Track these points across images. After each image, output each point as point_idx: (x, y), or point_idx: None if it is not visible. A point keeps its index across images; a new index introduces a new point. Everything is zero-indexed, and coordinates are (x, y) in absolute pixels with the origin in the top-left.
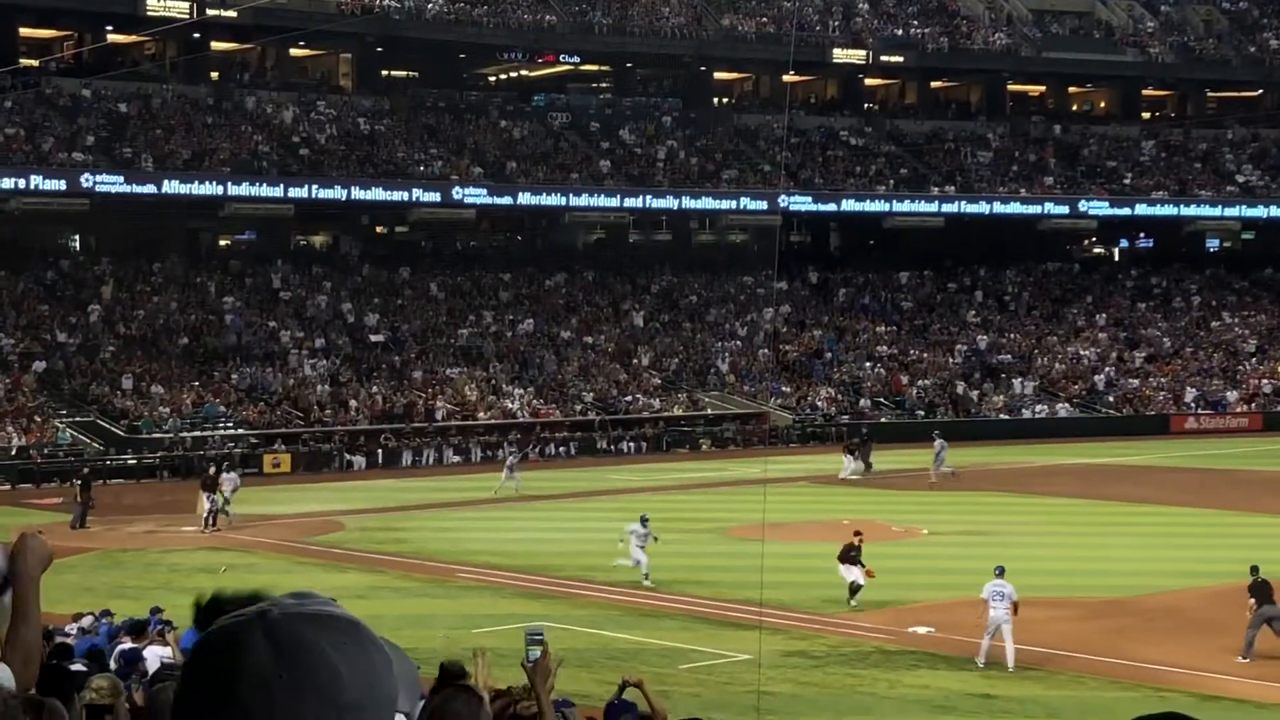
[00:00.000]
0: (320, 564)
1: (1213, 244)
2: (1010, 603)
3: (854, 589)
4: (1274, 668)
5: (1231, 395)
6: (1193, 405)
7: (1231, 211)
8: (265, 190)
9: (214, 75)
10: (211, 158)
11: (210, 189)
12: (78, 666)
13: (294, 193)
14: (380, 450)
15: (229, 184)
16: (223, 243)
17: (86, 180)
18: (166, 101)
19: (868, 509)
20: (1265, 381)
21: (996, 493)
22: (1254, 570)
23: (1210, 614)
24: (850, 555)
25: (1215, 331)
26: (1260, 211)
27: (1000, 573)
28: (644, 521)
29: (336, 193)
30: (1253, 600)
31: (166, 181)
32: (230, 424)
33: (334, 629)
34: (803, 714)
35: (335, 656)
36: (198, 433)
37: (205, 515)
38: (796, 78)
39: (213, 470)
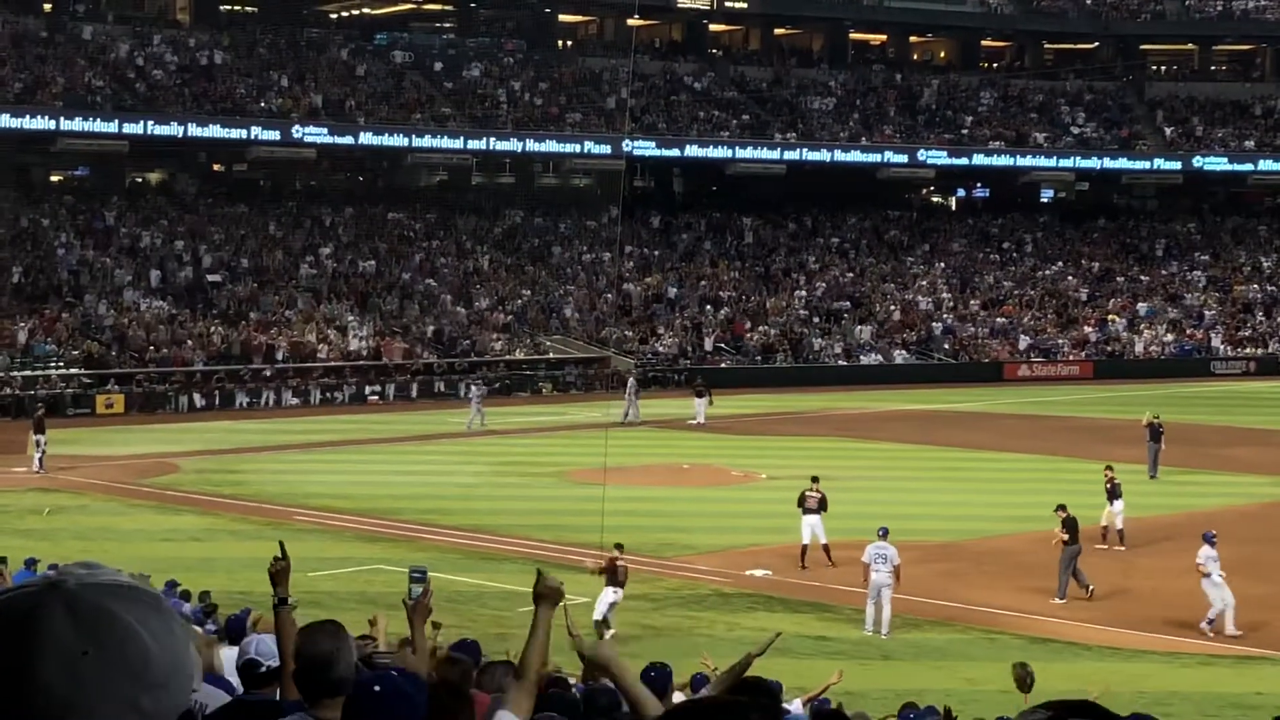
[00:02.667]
0: (154, 506)
1: (1047, 194)
2: (892, 566)
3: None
4: (1099, 610)
5: (1063, 343)
6: (1026, 353)
7: (1066, 163)
8: (99, 125)
9: (46, 6)
10: (44, 91)
11: (42, 123)
12: None
13: (129, 128)
14: (216, 391)
15: (61, 118)
16: (55, 178)
17: None
18: None
19: (707, 453)
20: (1094, 330)
21: (834, 437)
22: (1061, 508)
23: (1039, 558)
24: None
25: (1049, 280)
26: (1094, 163)
27: (883, 534)
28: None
29: (173, 129)
30: (1065, 535)
31: None
32: (62, 364)
33: (138, 602)
34: (642, 656)
35: (142, 631)
36: (28, 372)
37: (36, 455)
38: (641, 21)
39: (41, 410)
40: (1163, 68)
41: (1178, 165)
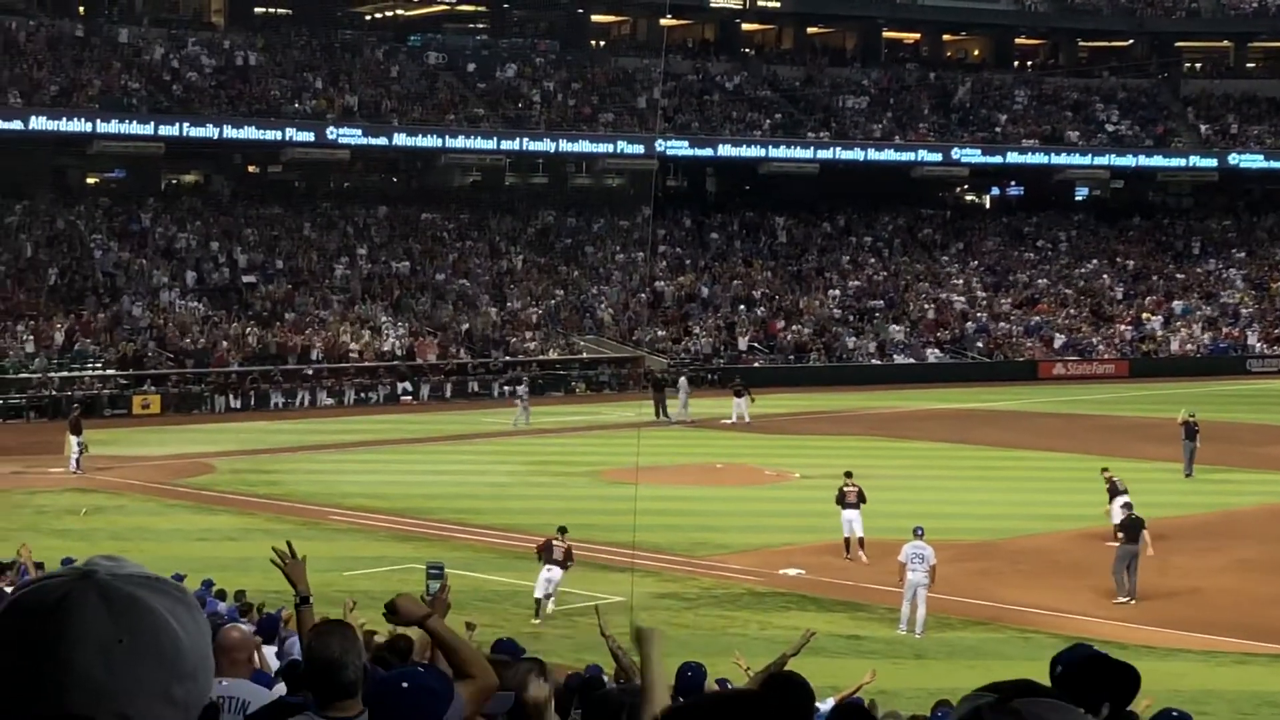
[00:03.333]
0: (190, 506)
1: (1082, 192)
2: (929, 566)
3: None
4: (1135, 610)
5: (1098, 342)
6: (1061, 352)
7: (1101, 160)
8: (135, 128)
9: (81, 9)
10: (80, 93)
11: (78, 126)
12: None
13: (164, 130)
14: (251, 392)
15: (97, 121)
16: (91, 180)
17: None
18: (33, 35)
19: (740, 453)
20: (1129, 328)
21: (867, 437)
22: (1127, 505)
23: (1074, 556)
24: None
25: (1083, 278)
26: (1129, 161)
27: (919, 534)
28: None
29: (208, 131)
30: (1121, 535)
31: (33, 117)
32: (99, 364)
33: (167, 593)
34: (675, 654)
35: (174, 623)
36: (65, 373)
37: (73, 456)
38: (673, 21)
39: (78, 411)
40: (1197, 65)
41: (1213, 163)
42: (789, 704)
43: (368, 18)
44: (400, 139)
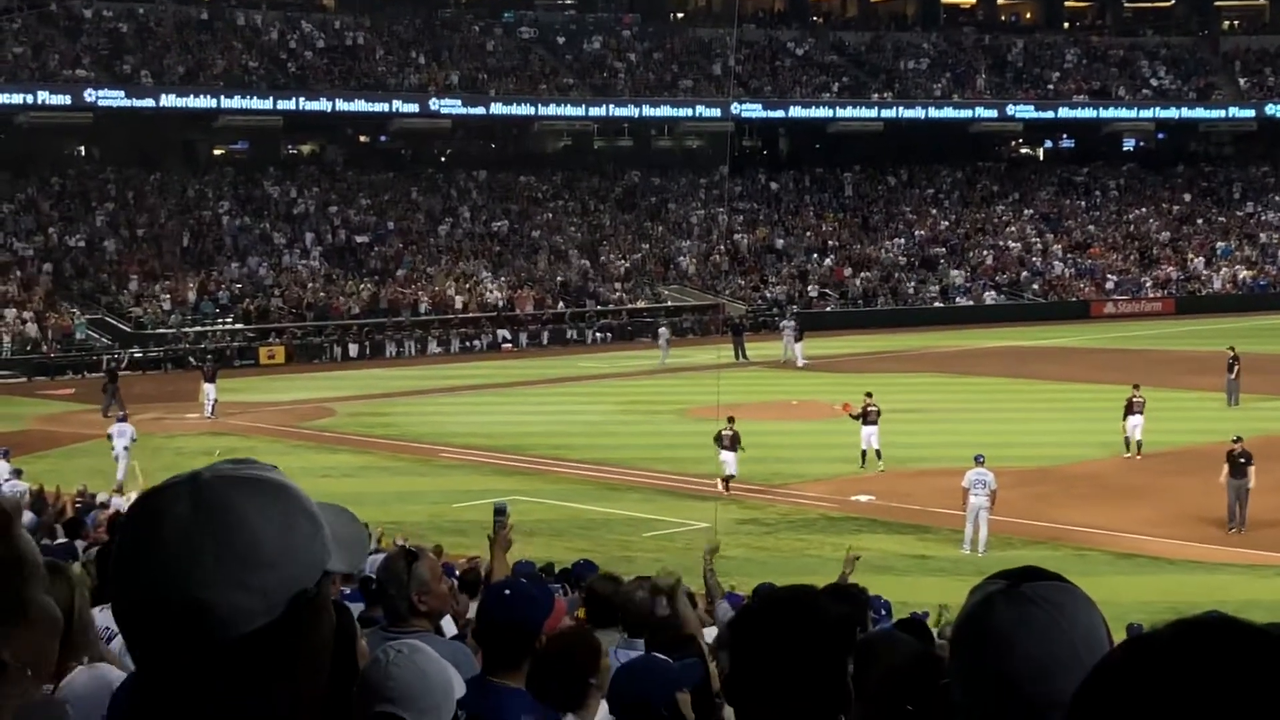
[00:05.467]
0: (313, 446)
1: (1129, 144)
2: (990, 491)
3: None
4: (1181, 526)
5: (1146, 282)
6: (1111, 292)
7: (1146, 114)
8: (255, 103)
9: None
10: (205, 73)
11: (205, 102)
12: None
13: (282, 105)
14: (367, 342)
15: (221, 97)
16: (217, 152)
17: (89, 95)
18: (162, 20)
19: (813, 391)
20: (1175, 269)
21: (931, 374)
22: (1237, 439)
23: (1125, 480)
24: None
25: (1131, 224)
26: (1172, 113)
27: (980, 461)
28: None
29: (322, 105)
30: (1226, 468)
31: (164, 95)
32: (230, 319)
33: (260, 493)
34: (755, 575)
35: (255, 517)
36: (198, 329)
37: (207, 403)
38: None
39: (211, 361)
40: (1235, 22)
41: (1251, 113)
42: (848, 607)
43: None
44: (497, 108)
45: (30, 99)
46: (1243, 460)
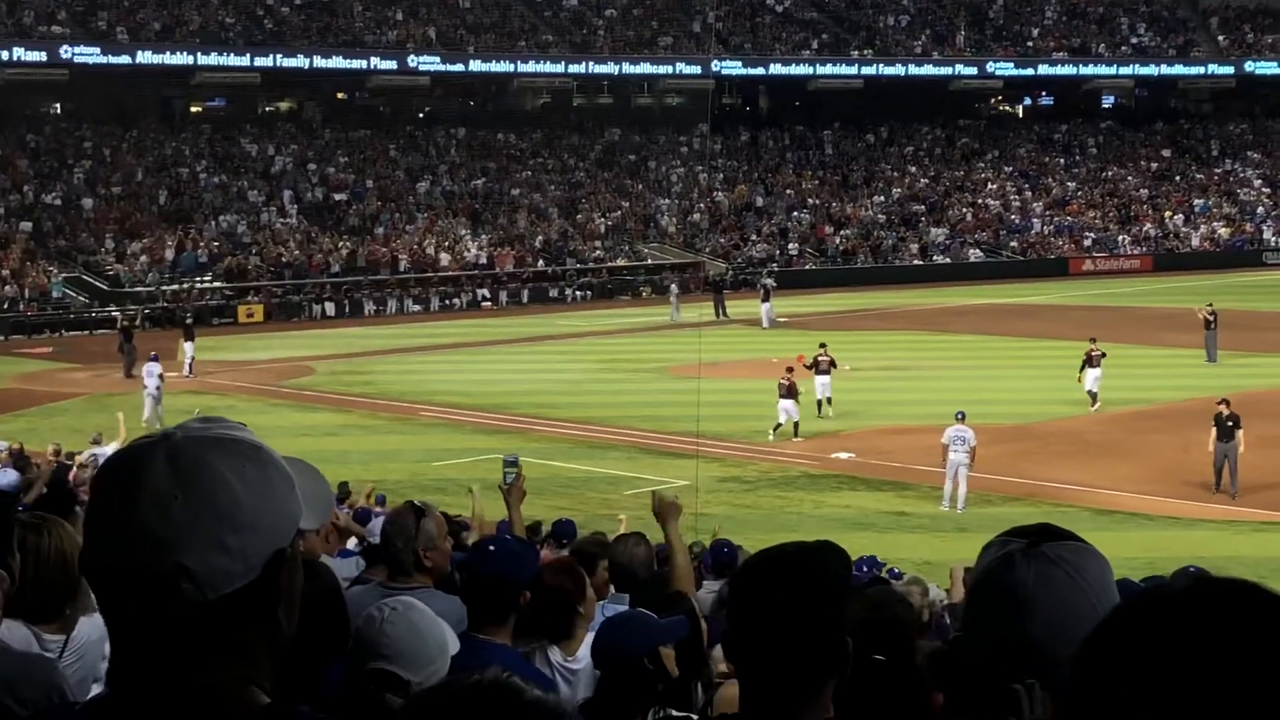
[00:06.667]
0: (292, 405)
1: (1108, 101)
2: (969, 448)
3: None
4: (1159, 482)
5: (1124, 239)
6: (1089, 249)
7: (1125, 71)
8: (233, 59)
9: None
10: (181, 29)
11: (181, 59)
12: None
13: (260, 62)
14: (346, 301)
15: (198, 54)
16: (194, 109)
17: (65, 52)
18: None
19: (794, 348)
20: (1153, 226)
21: (912, 331)
22: (1224, 402)
23: (1104, 437)
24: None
25: (1110, 181)
26: (1151, 70)
27: (961, 418)
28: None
29: (300, 62)
30: (1214, 432)
31: (140, 52)
32: (207, 278)
33: (235, 453)
34: (736, 532)
35: (233, 479)
36: (176, 286)
37: (186, 362)
38: None
39: (190, 320)
40: None
41: (1230, 70)
42: (833, 561)
43: None
44: (476, 65)
45: (5, 56)
46: (1230, 423)
